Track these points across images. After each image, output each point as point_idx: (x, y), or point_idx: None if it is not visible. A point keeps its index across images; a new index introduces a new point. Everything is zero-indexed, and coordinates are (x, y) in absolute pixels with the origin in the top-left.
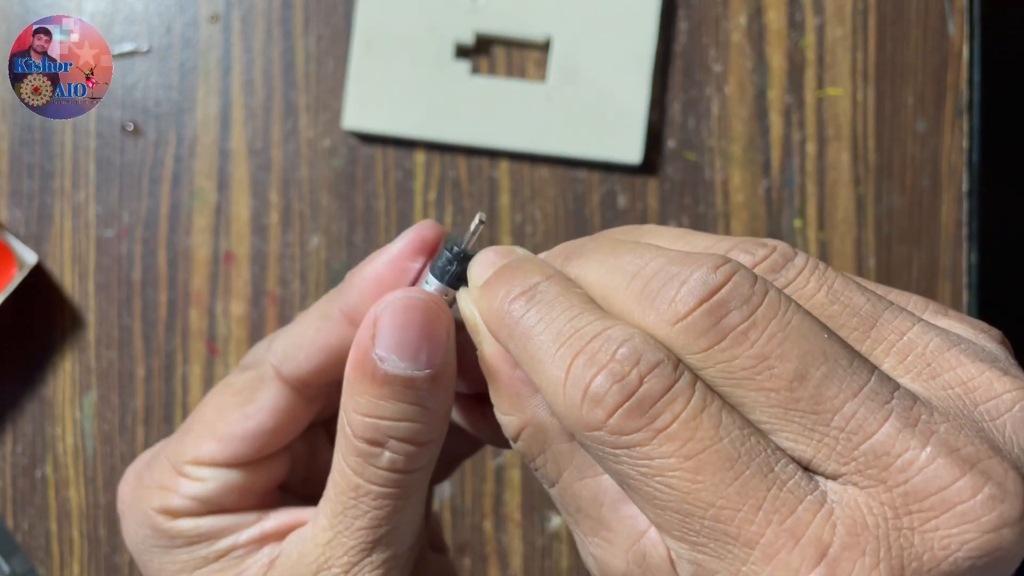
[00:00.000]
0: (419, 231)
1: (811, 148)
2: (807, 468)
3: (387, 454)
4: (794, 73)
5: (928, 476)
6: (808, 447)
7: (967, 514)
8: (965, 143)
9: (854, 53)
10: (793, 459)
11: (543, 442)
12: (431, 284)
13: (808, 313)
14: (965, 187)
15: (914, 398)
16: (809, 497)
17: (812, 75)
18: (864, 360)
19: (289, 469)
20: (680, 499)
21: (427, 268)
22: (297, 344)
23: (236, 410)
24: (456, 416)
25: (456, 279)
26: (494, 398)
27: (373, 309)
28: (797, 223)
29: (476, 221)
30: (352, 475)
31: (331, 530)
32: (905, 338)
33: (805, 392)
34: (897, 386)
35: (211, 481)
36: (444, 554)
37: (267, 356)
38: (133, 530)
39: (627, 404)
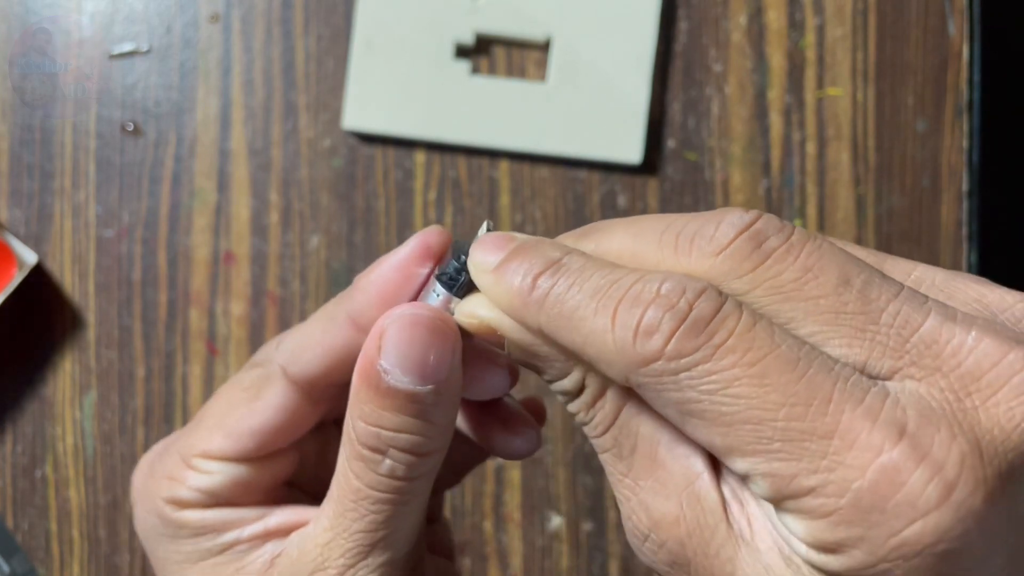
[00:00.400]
0: (425, 236)
1: (811, 148)
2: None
3: (387, 462)
4: (794, 73)
5: (979, 356)
6: (861, 349)
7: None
8: (965, 143)
9: (854, 53)
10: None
11: (606, 382)
12: (440, 294)
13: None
14: (965, 187)
15: (945, 304)
16: (874, 389)
17: (812, 75)
18: (891, 277)
19: (297, 466)
20: (750, 407)
21: (434, 277)
22: (304, 345)
23: (244, 406)
24: (464, 426)
25: (465, 289)
26: (545, 372)
27: (380, 321)
28: (797, 223)
29: (484, 228)
30: (353, 479)
31: (331, 531)
32: (912, 276)
33: (851, 296)
34: (927, 295)
35: (218, 474)
36: (451, 560)
37: (275, 355)
38: (143, 518)
39: (682, 327)
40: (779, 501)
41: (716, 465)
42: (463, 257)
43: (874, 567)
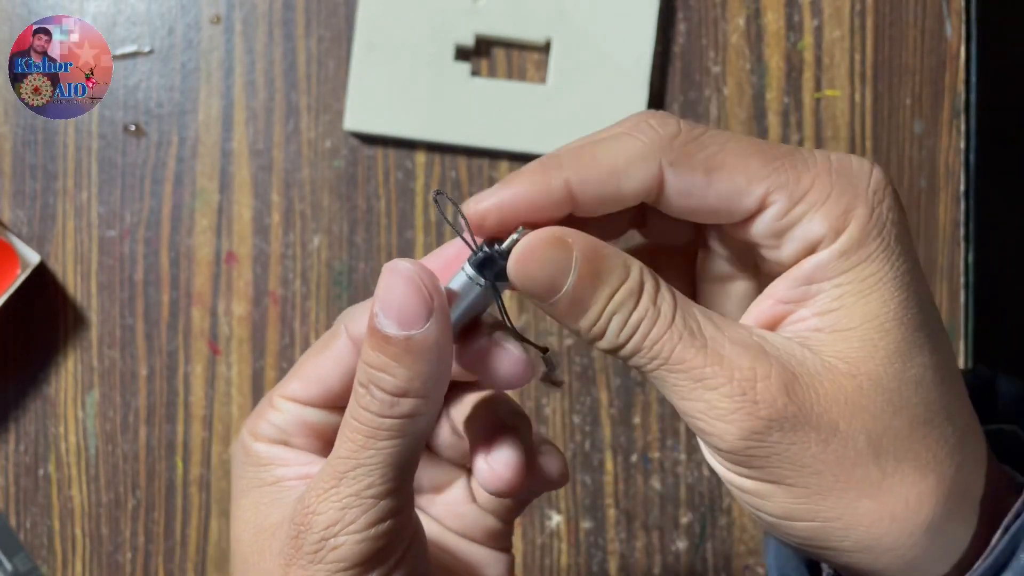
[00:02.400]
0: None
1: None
2: None
3: (367, 396)
4: (792, 74)
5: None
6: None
7: (850, 187)
8: (962, 144)
9: (852, 54)
10: None
11: (655, 276)
12: (466, 269)
13: None
14: (962, 187)
15: None
16: None
17: (810, 76)
18: None
19: None
20: (755, 145)
21: (467, 261)
22: (361, 307)
23: (314, 357)
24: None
25: (482, 266)
26: (604, 285)
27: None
28: None
29: (518, 232)
30: (347, 411)
31: (326, 462)
32: None
33: None
34: None
35: (288, 413)
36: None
37: (341, 319)
38: (234, 448)
39: (682, 122)
40: (792, 209)
41: None
42: (496, 245)
43: (873, 213)
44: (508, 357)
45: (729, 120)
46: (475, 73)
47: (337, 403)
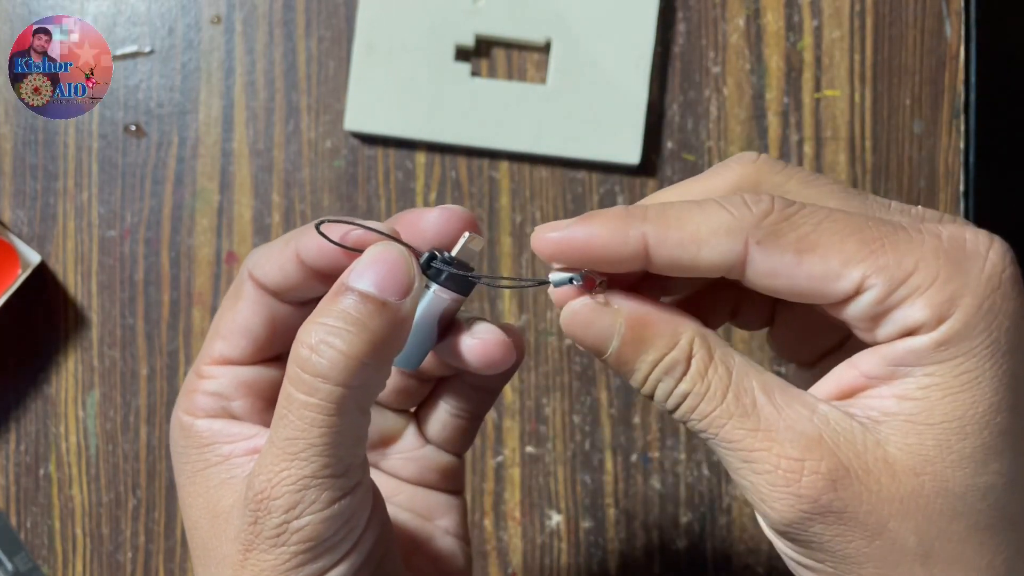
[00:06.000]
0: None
1: (808, 149)
2: None
3: (315, 357)
4: (792, 74)
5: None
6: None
7: (969, 260)
8: (962, 144)
9: (851, 55)
10: None
11: (711, 346)
12: (430, 286)
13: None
14: (962, 188)
15: None
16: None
17: (810, 76)
18: None
19: None
20: (850, 224)
21: (424, 275)
22: (265, 255)
23: (229, 311)
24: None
25: (446, 280)
26: (653, 349)
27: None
28: None
29: (465, 237)
30: (286, 386)
31: (269, 442)
32: None
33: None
34: None
35: (223, 377)
36: (463, 541)
37: (245, 264)
38: (171, 438)
39: (776, 199)
40: (892, 294)
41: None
42: (445, 254)
43: (983, 304)
44: (483, 345)
45: (729, 120)
46: (475, 73)
47: (267, 354)
